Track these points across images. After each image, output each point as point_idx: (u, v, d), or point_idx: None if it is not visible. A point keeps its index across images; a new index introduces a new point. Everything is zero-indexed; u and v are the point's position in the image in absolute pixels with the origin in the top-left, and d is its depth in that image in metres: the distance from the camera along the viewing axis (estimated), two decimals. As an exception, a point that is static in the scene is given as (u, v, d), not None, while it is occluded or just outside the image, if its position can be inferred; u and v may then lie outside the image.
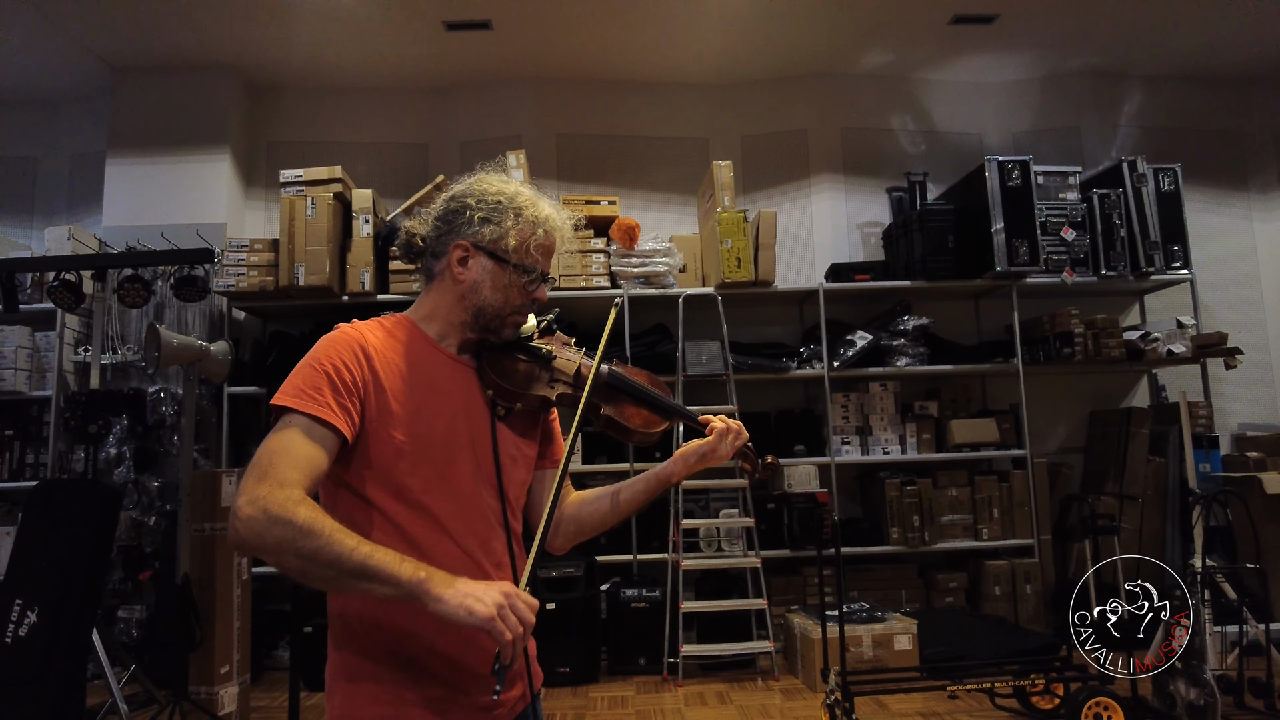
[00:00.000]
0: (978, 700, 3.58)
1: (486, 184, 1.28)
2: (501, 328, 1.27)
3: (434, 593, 0.98)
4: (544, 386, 1.30)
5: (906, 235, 4.95)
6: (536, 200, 1.29)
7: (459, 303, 1.25)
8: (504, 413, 1.26)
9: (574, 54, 5.17)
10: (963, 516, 4.73)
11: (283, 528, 0.99)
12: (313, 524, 1.00)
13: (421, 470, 1.15)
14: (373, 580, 1.00)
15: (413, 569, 1.00)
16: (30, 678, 2.84)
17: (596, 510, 1.37)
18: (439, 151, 5.46)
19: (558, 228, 1.30)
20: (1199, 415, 4.72)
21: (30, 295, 4.58)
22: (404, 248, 1.31)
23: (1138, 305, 5.44)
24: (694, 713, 3.61)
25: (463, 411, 1.22)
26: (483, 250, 1.24)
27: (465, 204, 1.25)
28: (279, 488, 1.02)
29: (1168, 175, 4.97)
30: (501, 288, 1.24)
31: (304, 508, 1.01)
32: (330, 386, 1.11)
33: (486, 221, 1.23)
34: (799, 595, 4.59)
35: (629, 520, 4.54)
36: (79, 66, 5.04)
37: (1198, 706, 3.13)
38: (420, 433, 1.16)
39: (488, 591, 0.99)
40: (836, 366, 4.72)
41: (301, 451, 1.06)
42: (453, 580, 1.01)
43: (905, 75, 5.59)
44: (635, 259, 4.77)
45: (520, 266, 1.25)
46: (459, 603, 0.98)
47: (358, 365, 1.14)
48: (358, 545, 1.01)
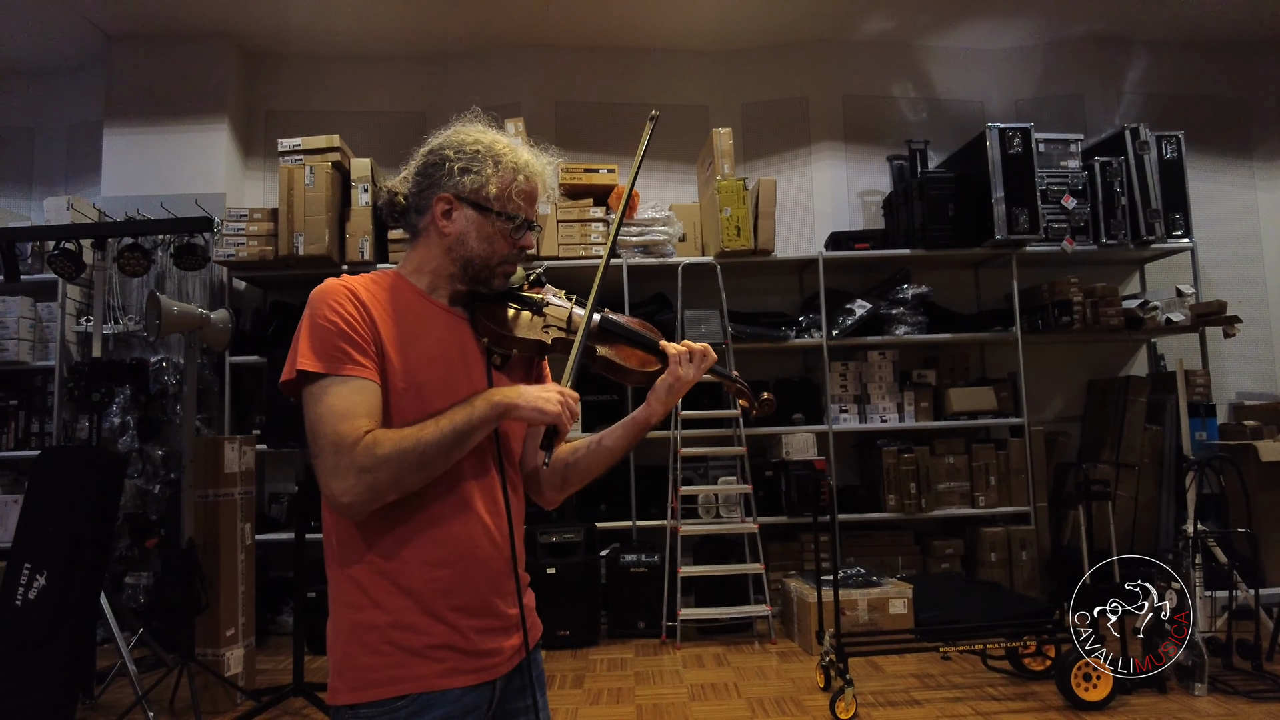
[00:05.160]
0: (970, 662, 3.64)
1: (463, 135, 1.27)
2: (491, 278, 1.27)
3: (511, 404, 1.14)
4: (539, 332, 1.30)
5: (907, 203, 4.93)
6: (515, 147, 1.27)
7: (446, 255, 1.25)
8: (500, 361, 1.28)
9: (573, 21, 5.12)
10: (960, 484, 4.77)
11: (381, 471, 1.07)
12: (399, 445, 1.08)
13: (423, 413, 1.16)
14: (470, 435, 1.13)
15: (485, 401, 1.14)
16: (40, 639, 2.90)
17: (582, 459, 1.37)
18: (437, 120, 5.23)
19: (538, 173, 1.28)
20: (1196, 384, 4.73)
21: (31, 265, 4.59)
22: (387, 208, 1.30)
23: (1138, 274, 5.43)
24: (692, 674, 3.68)
25: (459, 360, 1.22)
26: (465, 201, 1.23)
27: (444, 156, 1.24)
28: (355, 448, 1.07)
29: (1170, 143, 4.93)
30: (487, 237, 1.24)
31: (382, 443, 1.08)
32: (348, 341, 1.12)
33: (466, 171, 1.23)
34: (796, 561, 4.65)
35: (629, 487, 4.59)
36: (75, 35, 5.00)
37: (1186, 667, 3.19)
38: (419, 380, 1.17)
39: (548, 393, 1.16)
40: (835, 335, 4.74)
41: (358, 407, 1.10)
42: (518, 389, 1.16)
43: (907, 42, 5.53)
44: (634, 228, 4.77)
45: (504, 214, 1.24)
46: (533, 406, 1.14)
47: (361, 314, 1.15)
48: (437, 427, 1.10)
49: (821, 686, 3.39)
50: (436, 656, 1.14)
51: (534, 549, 4.23)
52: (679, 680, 3.61)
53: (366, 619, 1.14)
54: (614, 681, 3.61)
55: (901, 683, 3.45)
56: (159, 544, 4.34)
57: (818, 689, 3.39)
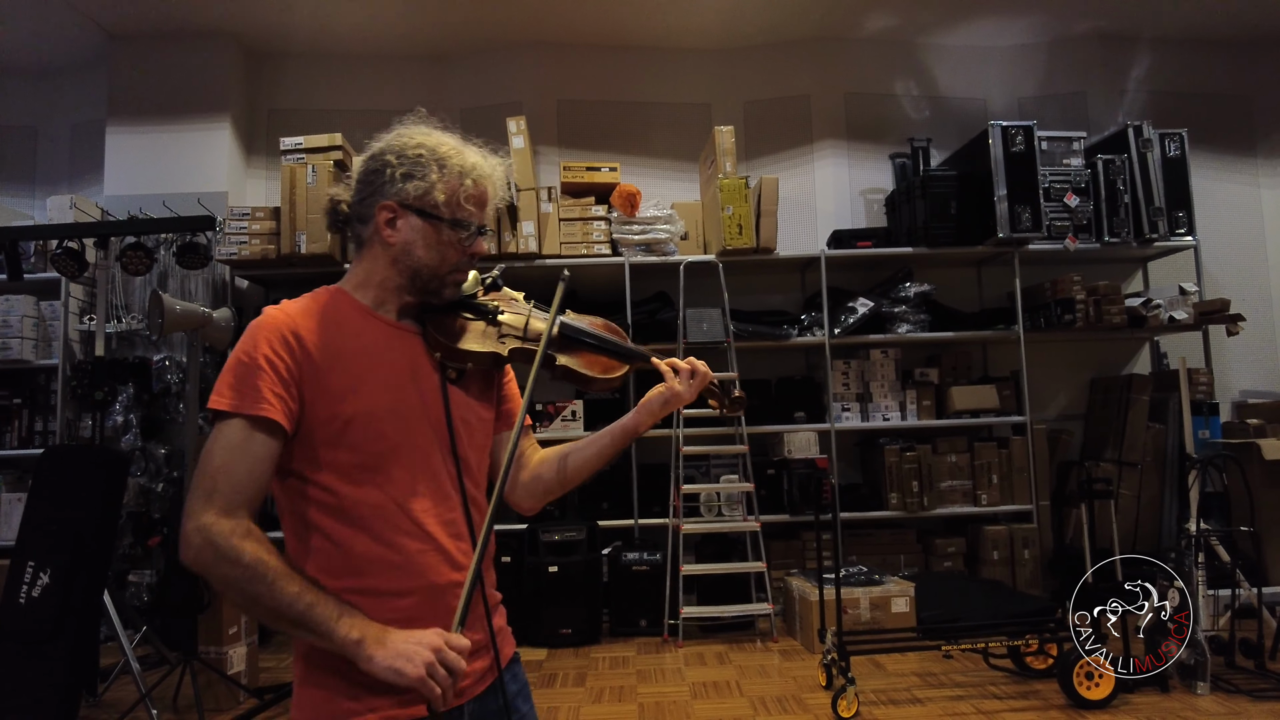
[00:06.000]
0: (972, 660, 3.64)
1: (406, 138, 1.20)
2: (441, 288, 1.20)
3: (365, 654, 1.01)
4: (494, 343, 1.23)
5: (909, 201, 4.92)
6: (462, 149, 1.21)
7: (392, 266, 1.18)
8: (455, 375, 1.21)
9: (575, 19, 5.12)
10: (962, 482, 4.77)
11: (229, 567, 1.00)
12: (258, 567, 1.00)
13: (369, 446, 1.10)
14: (310, 632, 1.02)
15: (347, 628, 1.02)
16: (44, 637, 2.91)
17: (564, 468, 1.33)
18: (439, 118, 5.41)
19: (487, 175, 1.21)
20: (1199, 382, 4.72)
21: (34, 264, 4.60)
22: (330, 216, 1.23)
23: (1141, 272, 5.42)
24: (694, 673, 3.68)
25: (409, 379, 1.16)
26: (410, 208, 1.16)
27: (385, 161, 1.17)
28: (226, 516, 1.02)
29: (1174, 140, 4.92)
30: (435, 245, 1.17)
31: (249, 544, 1.01)
32: (264, 379, 1.06)
33: (409, 177, 1.15)
34: (798, 559, 4.65)
35: (630, 485, 4.59)
36: (77, 34, 5.01)
37: (1189, 665, 3.18)
38: (364, 408, 1.10)
39: (417, 649, 1.01)
40: (837, 333, 4.73)
41: (244, 463, 1.04)
42: (384, 636, 1.02)
43: (909, 39, 5.52)
44: (636, 226, 4.76)
45: (452, 221, 1.17)
46: (388, 665, 1.00)
47: (288, 350, 1.08)
48: (299, 595, 1.01)
49: (823, 685, 3.39)
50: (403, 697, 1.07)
51: (536, 547, 4.24)
52: (681, 678, 3.61)
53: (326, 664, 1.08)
54: (616, 680, 3.61)
55: (903, 681, 3.45)
56: (162, 542, 4.35)
57: (820, 687, 3.39)
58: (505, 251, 4.64)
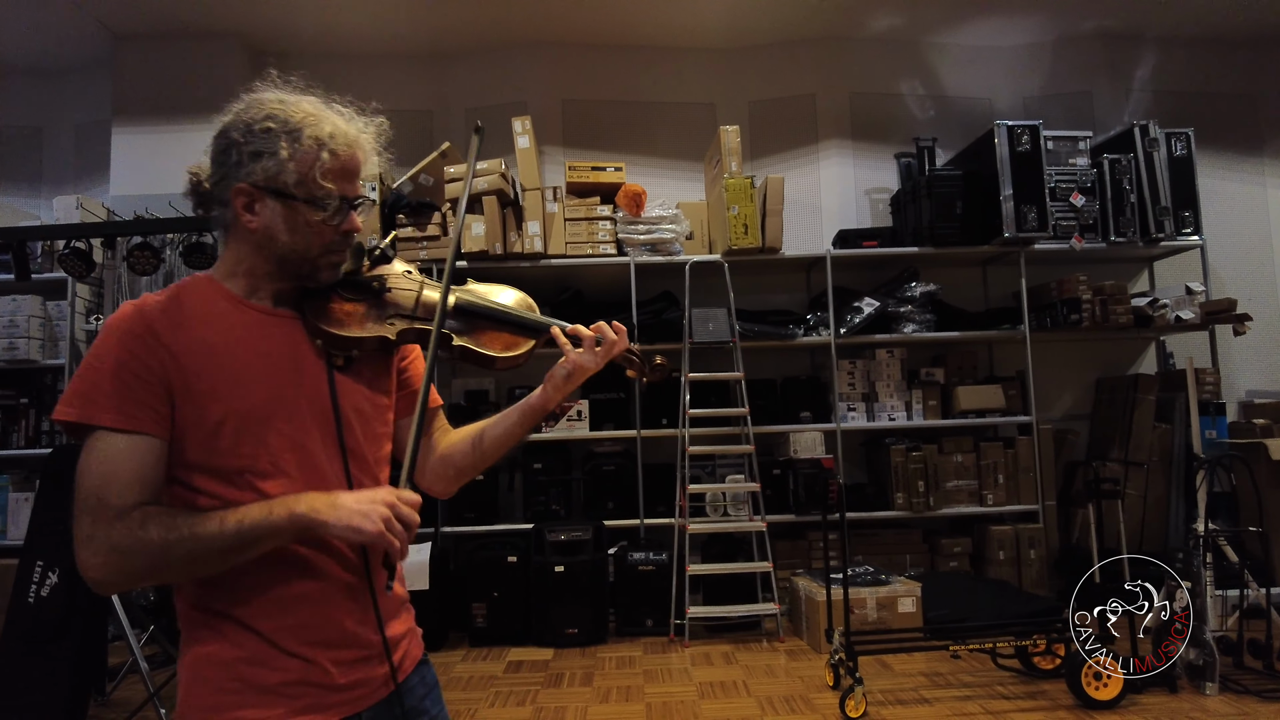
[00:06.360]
0: (980, 661, 3.64)
1: (255, 109, 1.07)
2: (315, 272, 1.10)
3: (318, 520, 0.98)
4: (380, 325, 1.13)
5: (915, 201, 4.92)
6: (319, 115, 1.08)
7: (258, 253, 1.08)
8: (343, 362, 1.12)
9: (580, 19, 5.11)
10: (968, 482, 4.76)
11: (141, 557, 0.94)
12: (167, 535, 0.94)
13: (245, 450, 1.02)
14: (259, 542, 0.97)
15: (286, 509, 0.98)
16: (53, 636, 2.91)
17: (477, 448, 1.27)
18: (444, 118, 5.43)
19: (353, 140, 1.10)
20: (1206, 382, 4.71)
21: (41, 264, 4.61)
22: (192, 196, 1.11)
23: (1147, 271, 5.41)
24: (701, 672, 3.68)
25: (289, 370, 1.07)
26: (265, 190, 1.04)
27: (231, 140, 1.05)
28: (117, 520, 0.94)
29: (1180, 140, 4.91)
30: (299, 229, 1.06)
31: (151, 525, 0.94)
32: (125, 387, 0.97)
33: (259, 155, 1.03)
34: (804, 559, 4.65)
35: (636, 485, 4.59)
36: (83, 34, 5.01)
37: (1197, 666, 3.18)
38: (236, 408, 1.02)
39: (372, 506, 0.99)
40: (843, 333, 4.73)
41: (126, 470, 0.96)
42: (334, 500, 0.99)
43: (914, 39, 5.51)
44: (642, 226, 4.76)
45: (311, 200, 1.05)
46: (346, 524, 0.98)
47: (149, 352, 0.99)
48: (221, 524, 0.96)
49: (831, 685, 3.39)
50: (291, 693, 1.02)
51: (542, 547, 4.24)
52: (688, 678, 3.61)
53: (213, 653, 1.02)
54: (623, 679, 3.61)
55: (911, 681, 3.45)
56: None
57: (827, 687, 3.39)
58: (511, 251, 4.64)
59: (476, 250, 4.56)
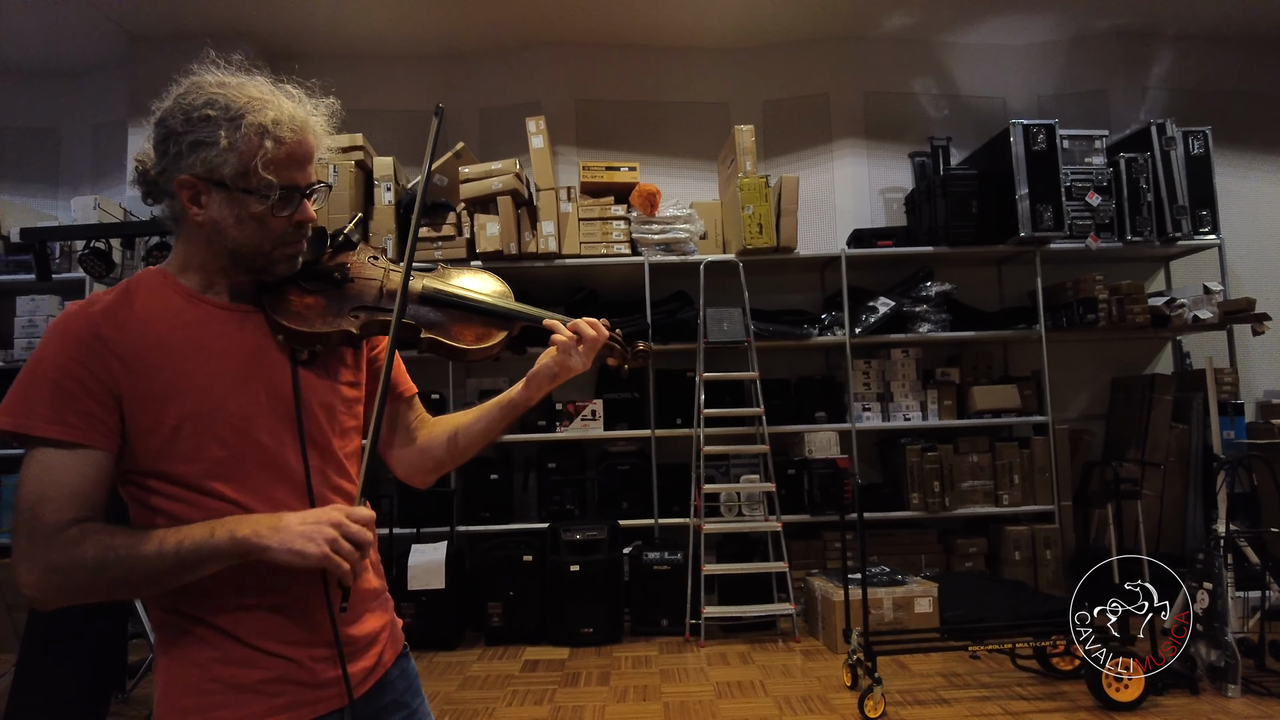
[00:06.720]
0: (998, 661, 3.62)
1: (196, 94, 1.00)
2: (270, 265, 1.05)
3: (259, 545, 0.93)
4: (342, 319, 1.08)
5: (929, 201, 4.90)
6: (264, 99, 1.01)
7: (209, 247, 1.02)
8: (308, 356, 1.07)
9: (593, 18, 5.12)
10: (983, 482, 4.74)
11: (76, 574, 0.91)
12: (103, 555, 0.90)
13: (205, 454, 0.98)
14: (197, 567, 0.93)
15: (227, 532, 0.93)
16: (72, 635, 2.93)
17: (455, 442, 1.24)
18: (458, 118, 5.44)
19: (302, 124, 1.03)
20: (1224, 382, 4.68)
21: (59, 264, 4.63)
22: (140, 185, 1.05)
23: (1163, 271, 5.38)
24: (717, 672, 3.68)
25: (248, 367, 1.02)
26: (209, 182, 0.99)
27: (171, 129, 0.99)
28: (53, 538, 0.91)
29: (1197, 138, 4.88)
30: (248, 221, 1.00)
31: (87, 543, 0.91)
32: (65, 394, 0.92)
33: (198, 146, 0.98)
34: (819, 559, 4.64)
35: (651, 485, 4.59)
36: (98, 36, 5.04)
37: (1219, 668, 3.16)
38: (192, 410, 0.97)
39: (317, 527, 0.93)
40: (858, 333, 4.72)
41: (64, 486, 0.92)
42: (277, 522, 0.94)
43: (928, 38, 5.50)
44: (656, 226, 4.76)
45: (255, 192, 0.99)
46: (288, 548, 0.92)
47: (93, 357, 0.94)
48: (161, 545, 0.92)
49: (848, 685, 3.38)
50: (271, 691, 1.00)
51: (558, 546, 4.24)
52: (704, 678, 3.60)
53: (189, 655, 0.99)
54: (639, 679, 3.61)
55: (928, 682, 3.44)
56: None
57: (844, 687, 3.38)
58: (526, 251, 4.65)
59: (491, 250, 4.56)
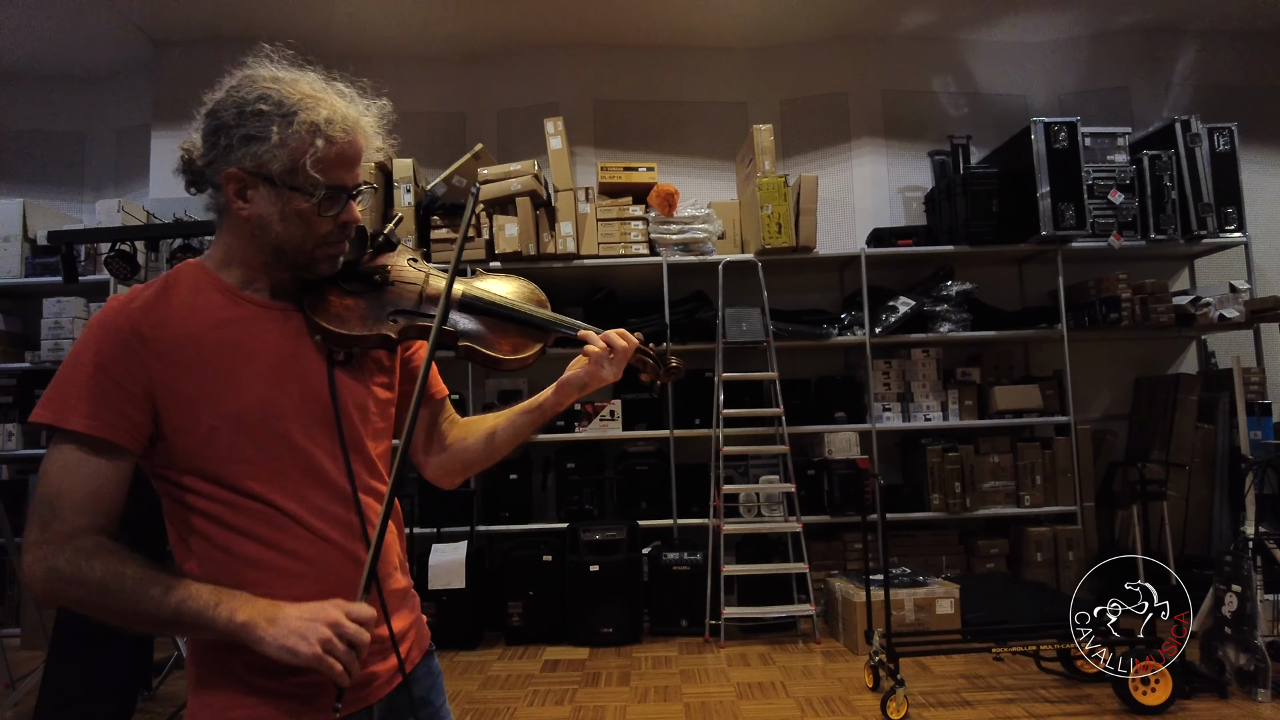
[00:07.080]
0: (1020, 663, 3.59)
1: (249, 87, 1.01)
2: (312, 264, 1.04)
3: (254, 636, 0.91)
4: (381, 322, 1.07)
5: (949, 199, 4.87)
6: (317, 97, 1.02)
7: (252, 242, 1.02)
8: (344, 357, 1.06)
9: (611, 19, 5.12)
10: (1005, 483, 4.71)
11: (78, 588, 0.90)
12: (109, 580, 0.90)
13: (244, 450, 0.97)
14: (189, 629, 0.93)
15: (229, 613, 0.92)
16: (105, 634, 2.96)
17: (490, 444, 1.24)
18: (476, 120, 5.46)
19: (353, 125, 1.03)
20: (1251, 382, 4.62)
21: (85, 267, 4.68)
22: (185, 173, 1.06)
23: (1187, 269, 5.32)
24: (738, 673, 3.67)
25: (286, 368, 1.02)
26: (257, 176, 0.99)
27: (223, 121, 1.00)
28: (65, 542, 0.91)
29: (1223, 135, 4.82)
30: (293, 219, 1.00)
31: (98, 561, 0.91)
32: (101, 392, 0.93)
33: (250, 140, 0.98)
34: (839, 560, 4.62)
35: (670, 485, 4.58)
36: (122, 41, 5.10)
37: (1248, 672, 3.12)
38: (231, 411, 0.97)
39: (312, 625, 0.91)
40: (878, 333, 4.69)
41: (84, 485, 0.92)
42: (275, 614, 0.92)
43: (947, 35, 5.46)
44: (674, 226, 4.76)
45: (303, 190, 0.99)
46: (280, 644, 0.91)
47: (131, 356, 0.94)
48: (166, 594, 0.91)
49: (870, 686, 3.36)
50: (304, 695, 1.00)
51: (577, 547, 4.25)
52: (725, 679, 3.60)
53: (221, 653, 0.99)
54: (660, 679, 3.61)
55: (951, 683, 3.42)
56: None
57: (866, 689, 3.37)
58: (544, 252, 4.66)
59: (510, 251, 4.58)
